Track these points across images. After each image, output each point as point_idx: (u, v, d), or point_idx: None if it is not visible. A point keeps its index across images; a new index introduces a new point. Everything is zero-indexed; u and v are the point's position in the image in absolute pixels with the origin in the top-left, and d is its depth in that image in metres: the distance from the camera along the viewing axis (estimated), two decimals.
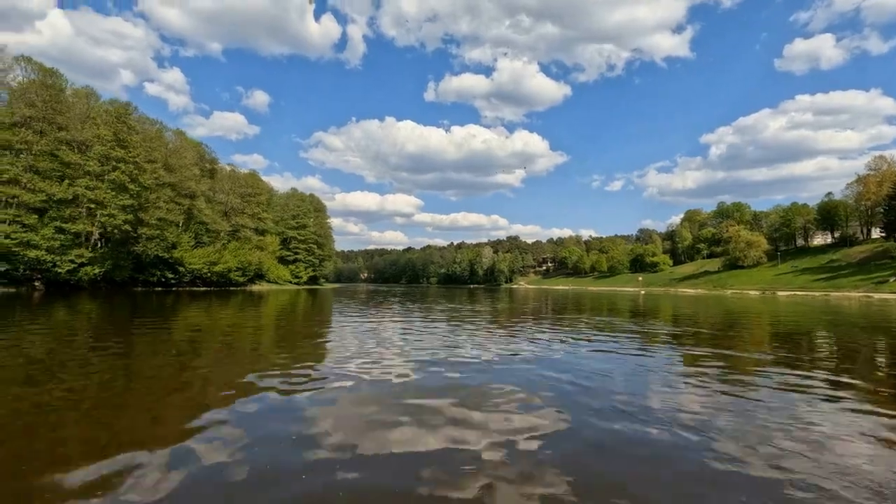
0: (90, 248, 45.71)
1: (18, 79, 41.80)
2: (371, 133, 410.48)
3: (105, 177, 43.59)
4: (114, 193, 43.77)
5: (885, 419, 5.67)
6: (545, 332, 14.84)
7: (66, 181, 42.47)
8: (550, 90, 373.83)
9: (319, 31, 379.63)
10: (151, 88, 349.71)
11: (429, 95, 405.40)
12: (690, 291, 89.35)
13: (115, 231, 45.54)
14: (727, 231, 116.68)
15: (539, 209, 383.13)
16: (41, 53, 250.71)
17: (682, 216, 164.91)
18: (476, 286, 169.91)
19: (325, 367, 8.41)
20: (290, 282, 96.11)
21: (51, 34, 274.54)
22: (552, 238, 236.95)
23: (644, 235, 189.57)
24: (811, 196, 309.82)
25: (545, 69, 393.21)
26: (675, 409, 5.92)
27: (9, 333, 12.45)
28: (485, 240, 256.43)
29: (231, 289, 67.25)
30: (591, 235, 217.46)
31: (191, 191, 58.50)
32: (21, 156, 40.75)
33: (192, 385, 7.00)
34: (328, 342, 12.02)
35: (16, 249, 38.76)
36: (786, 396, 6.71)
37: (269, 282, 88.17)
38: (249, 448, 4.40)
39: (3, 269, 38.83)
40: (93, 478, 3.74)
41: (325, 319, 19.33)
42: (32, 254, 39.44)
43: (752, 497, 3.62)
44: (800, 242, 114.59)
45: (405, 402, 6.03)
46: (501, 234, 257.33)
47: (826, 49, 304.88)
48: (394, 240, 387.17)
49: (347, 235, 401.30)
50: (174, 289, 57.84)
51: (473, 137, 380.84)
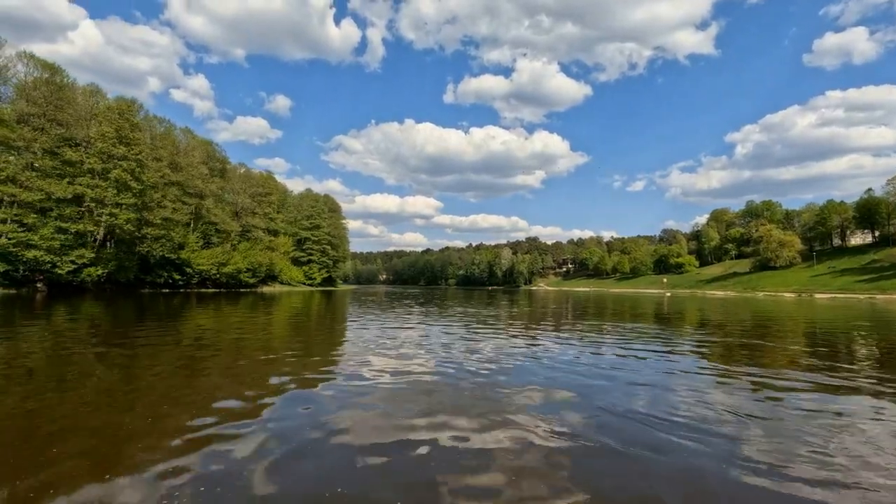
0: (94, 249, 44.70)
1: (20, 75, 41.00)
2: (390, 135, 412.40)
3: (107, 175, 42.45)
4: (115, 192, 42.58)
5: None
6: (568, 338, 13.31)
7: (67, 179, 41.47)
8: (571, 90, 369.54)
9: (340, 36, 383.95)
10: (177, 95, 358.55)
11: (448, 97, 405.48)
12: (719, 294, 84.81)
13: (118, 231, 44.38)
14: (757, 230, 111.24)
15: (559, 210, 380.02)
16: (73, 63, 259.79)
17: (709, 216, 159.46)
18: (495, 288, 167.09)
19: (338, 371, 8.02)
20: (304, 283, 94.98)
21: (83, 44, 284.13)
22: (572, 239, 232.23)
23: (668, 236, 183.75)
24: (843, 195, 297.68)
25: (565, 69, 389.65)
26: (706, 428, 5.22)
27: None
28: (504, 241, 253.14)
29: (241, 290, 66.10)
30: (613, 236, 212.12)
31: (198, 190, 57.35)
32: (21, 154, 39.85)
33: (193, 396, 6.34)
34: (340, 348, 11.19)
35: (13, 250, 37.78)
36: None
37: (282, 283, 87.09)
38: (257, 461, 4.13)
39: (2, 270, 37.91)
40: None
41: (337, 324, 17.96)
42: (31, 254, 38.41)
43: None
44: (836, 242, 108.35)
45: (421, 411, 5.71)
46: (521, 236, 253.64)
47: (859, 43, 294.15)
48: (413, 242, 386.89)
49: (368, 237, 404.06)
50: (182, 290, 56.79)
51: (493, 139, 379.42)
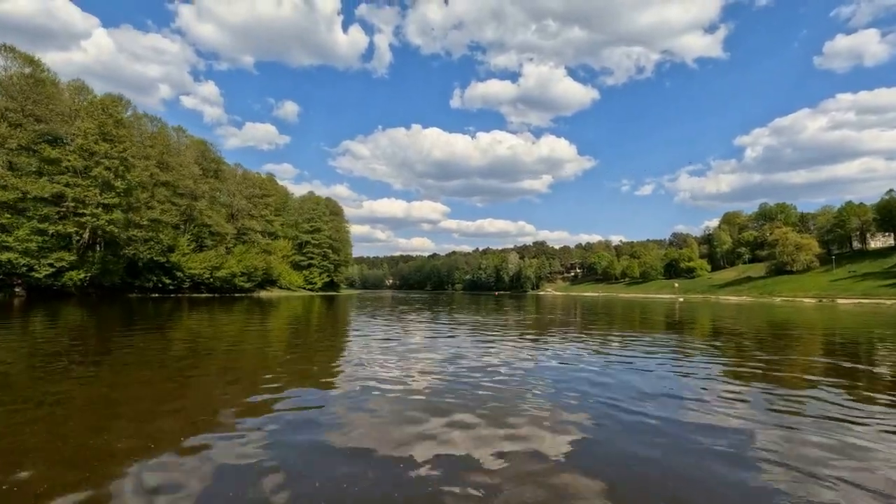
0: (77, 252, 42.82)
1: None
2: (397, 141, 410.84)
3: (88, 173, 40.53)
4: (97, 191, 40.66)
5: None
6: (578, 355, 11.61)
7: (45, 178, 39.61)
8: (578, 94, 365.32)
9: (347, 42, 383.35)
10: (187, 101, 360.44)
11: (455, 102, 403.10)
12: (733, 299, 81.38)
13: (101, 232, 42.44)
14: (772, 233, 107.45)
15: (566, 215, 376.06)
16: (86, 70, 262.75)
17: (721, 219, 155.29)
18: (501, 292, 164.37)
19: (338, 381, 7.65)
20: (304, 288, 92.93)
21: (95, 52, 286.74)
22: (580, 243, 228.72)
23: (678, 240, 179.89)
24: (856, 199, 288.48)
25: (572, 73, 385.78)
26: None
27: None
28: (511, 246, 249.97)
29: (236, 295, 64.12)
30: (622, 240, 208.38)
31: (190, 190, 55.39)
32: None
33: (172, 416, 5.59)
34: (340, 357, 10.55)
35: None
36: None
37: (281, 288, 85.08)
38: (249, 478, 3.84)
39: None
40: None
41: (335, 332, 16.86)
42: (4, 256, 36.50)
43: None
44: (855, 245, 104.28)
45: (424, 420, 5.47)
46: (528, 241, 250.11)
47: (871, 45, 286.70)
48: (420, 246, 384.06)
49: (375, 242, 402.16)
50: (173, 295, 54.85)
51: (499, 143, 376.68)
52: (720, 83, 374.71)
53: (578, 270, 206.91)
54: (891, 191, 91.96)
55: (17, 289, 40.23)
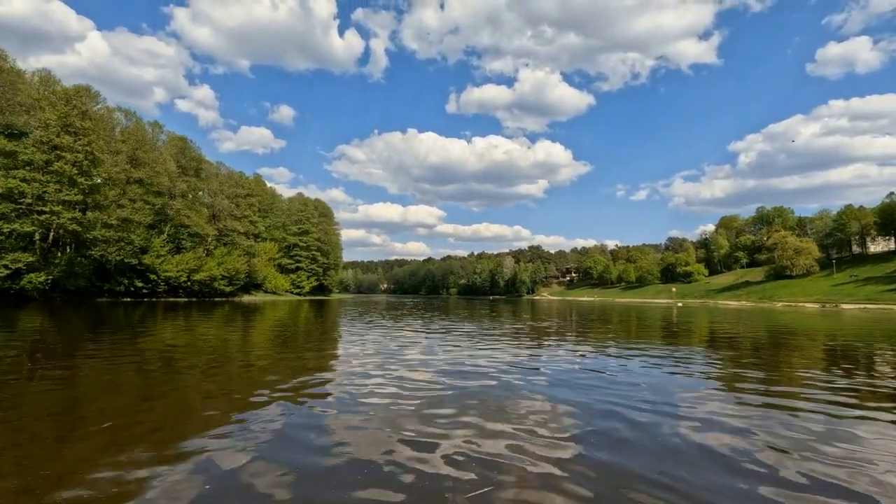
0: (38, 252, 40.05)
1: None
2: (393, 145, 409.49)
3: (49, 168, 37.83)
4: (57, 187, 37.96)
5: None
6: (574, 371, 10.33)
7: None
8: (573, 100, 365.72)
9: (343, 46, 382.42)
10: (182, 105, 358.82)
11: (450, 107, 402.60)
12: (733, 304, 79.14)
13: (62, 231, 39.69)
14: (770, 237, 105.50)
15: (562, 219, 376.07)
16: (80, 73, 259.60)
17: (717, 223, 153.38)
18: (496, 297, 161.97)
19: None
20: (291, 292, 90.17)
21: (89, 55, 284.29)
22: (576, 248, 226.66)
23: (674, 244, 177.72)
24: (850, 204, 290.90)
25: (568, 79, 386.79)
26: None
27: None
28: (506, 250, 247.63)
29: (216, 300, 61.33)
30: (617, 244, 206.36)
31: (165, 188, 52.70)
32: None
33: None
34: (324, 365, 9.85)
35: None
36: None
37: (266, 292, 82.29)
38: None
39: None
40: None
41: (320, 338, 15.63)
42: None
43: None
44: (855, 250, 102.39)
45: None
46: (524, 245, 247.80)
47: (862, 52, 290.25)
48: (416, 251, 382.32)
49: (370, 247, 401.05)
50: (146, 299, 52.03)
51: (495, 148, 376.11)
52: (714, 89, 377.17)
53: (574, 275, 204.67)
54: (891, 194, 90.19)
55: None
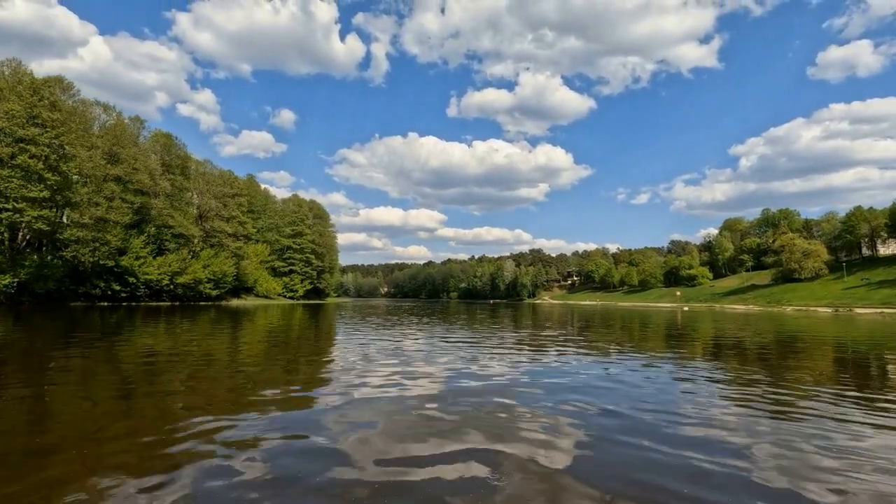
0: (3, 253, 37.69)
1: None
2: (394, 149, 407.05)
3: (11, 161, 35.46)
4: (21, 183, 35.61)
5: None
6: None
7: None
8: (574, 103, 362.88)
9: (344, 51, 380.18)
10: (184, 109, 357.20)
11: (451, 111, 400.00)
12: (740, 308, 76.35)
13: (26, 230, 37.33)
14: (775, 240, 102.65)
15: (563, 223, 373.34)
16: (82, 78, 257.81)
17: (721, 225, 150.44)
18: (497, 301, 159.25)
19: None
20: (284, 295, 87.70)
21: (91, 59, 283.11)
22: (577, 251, 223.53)
23: (677, 247, 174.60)
24: (850, 208, 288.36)
25: (568, 83, 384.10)
26: None
27: None
28: (507, 254, 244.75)
29: (201, 304, 58.85)
30: (619, 248, 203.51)
31: (146, 187, 50.36)
32: None
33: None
34: (316, 373, 9.44)
35: None
36: None
37: (258, 295, 79.83)
38: None
39: None
40: None
41: (310, 345, 14.90)
42: None
43: None
44: (864, 252, 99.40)
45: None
46: (525, 249, 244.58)
47: (863, 56, 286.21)
48: (417, 255, 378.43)
49: (371, 250, 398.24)
50: (125, 304, 49.58)
51: (496, 152, 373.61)
52: (715, 93, 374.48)
53: (576, 278, 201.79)
54: None
55: None
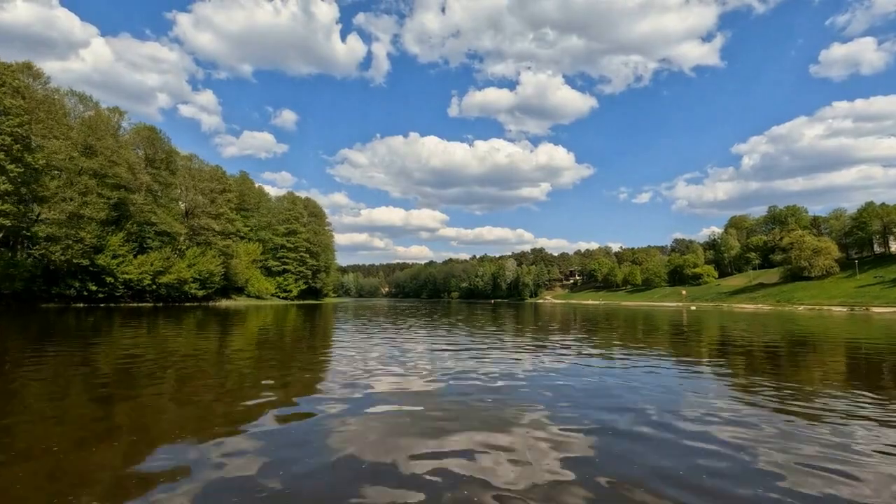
0: None
1: None
2: (395, 149, 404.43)
3: None
4: None
5: None
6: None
7: None
8: (576, 103, 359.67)
9: (345, 51, 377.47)
10: (185, 110, 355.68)
11: (452, 111, 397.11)
12: (749, 307, 73.51)
13: None
14: (786, 237, 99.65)
15: (565, 223, 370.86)
16: (84, 79, 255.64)
17: (727, 223, 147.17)
18: (498, 301, 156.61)
19: None
20: (277, 296, 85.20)
21: (93, 61, 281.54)
22: (580, 250, 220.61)
23: (680, 245, 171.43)
24: (854, 206, 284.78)
25: (570, 82, 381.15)
26: None
27: None
28: (509, 253, 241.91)
29: (187, 305, 56.35)
30: (622, 247, 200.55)
31: (124, 181, 47.81)
32: None
33: None
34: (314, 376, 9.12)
35: None
36: None
37: (249, 296, 77.31)
38: None
39: None
40: None
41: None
42: None
43: None
44: (877, 249, 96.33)
45: None
46: (527, 248, 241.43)
47: (867, 53, 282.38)
48: (419, 255, 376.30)
49: (373, 251, 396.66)
50: (103, 305, 47.08)
51: (497, 151, 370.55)
52: (717, 91, 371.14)
53: (578, 278, 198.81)
54: None
55: None
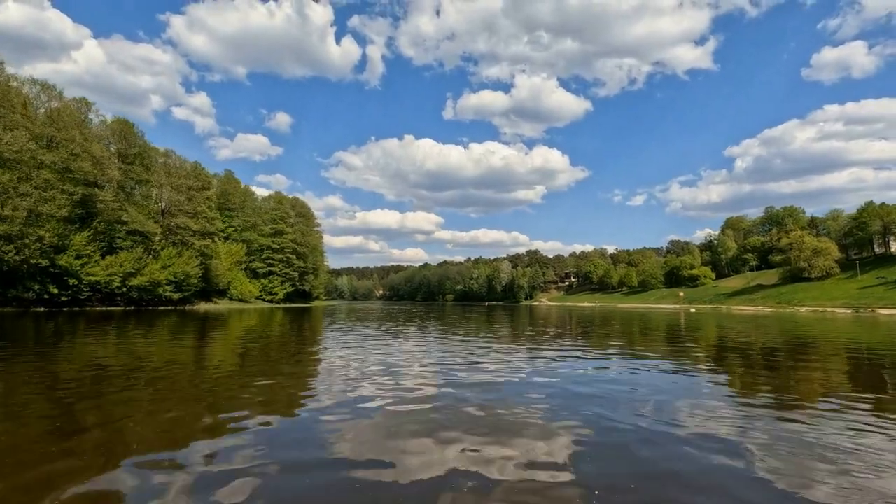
0: None
1: None
2: (390, 151, 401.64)
3: None
4: None
5: None
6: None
7: None
8: (571, 105, 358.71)
9: (340, 54, 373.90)
10: (179, 112, 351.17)
11: (447, 113, 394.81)
12: (749, 309, 71.25)
13: None
14: (784, 237, 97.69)
15: (560, 225, 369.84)
16: (77, 81, 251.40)
17: (723, 224, 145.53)
18: (493, 303, 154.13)
19: None
20: (262, 299, 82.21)
21: (85, 63, 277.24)
22: (575, 252, 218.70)
23: (676, 247, 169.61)
24: (845, 209, 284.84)
25: (564, 84, 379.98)
26: None
27: None
28: (504, 256, 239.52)
29: (161, 308, 53.36)
30: (617, 249, 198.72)
31: (90, 176, 44.87)
32: None
33: None
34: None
35: None
36: None
37: (232, 299, 74.27)
38: None
39: None
40: None
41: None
42: None
43: None
44: (877, 250, 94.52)
45: None
46: (522, 251, 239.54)
47: (858, 57, 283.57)
48: (414, 257, 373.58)
49: (368, 253, 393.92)
50: (66, 308, 44.09)
51: (492, 154, 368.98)
52: (710, 94, 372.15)
53: (573, 280, 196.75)
54: None
55: None
